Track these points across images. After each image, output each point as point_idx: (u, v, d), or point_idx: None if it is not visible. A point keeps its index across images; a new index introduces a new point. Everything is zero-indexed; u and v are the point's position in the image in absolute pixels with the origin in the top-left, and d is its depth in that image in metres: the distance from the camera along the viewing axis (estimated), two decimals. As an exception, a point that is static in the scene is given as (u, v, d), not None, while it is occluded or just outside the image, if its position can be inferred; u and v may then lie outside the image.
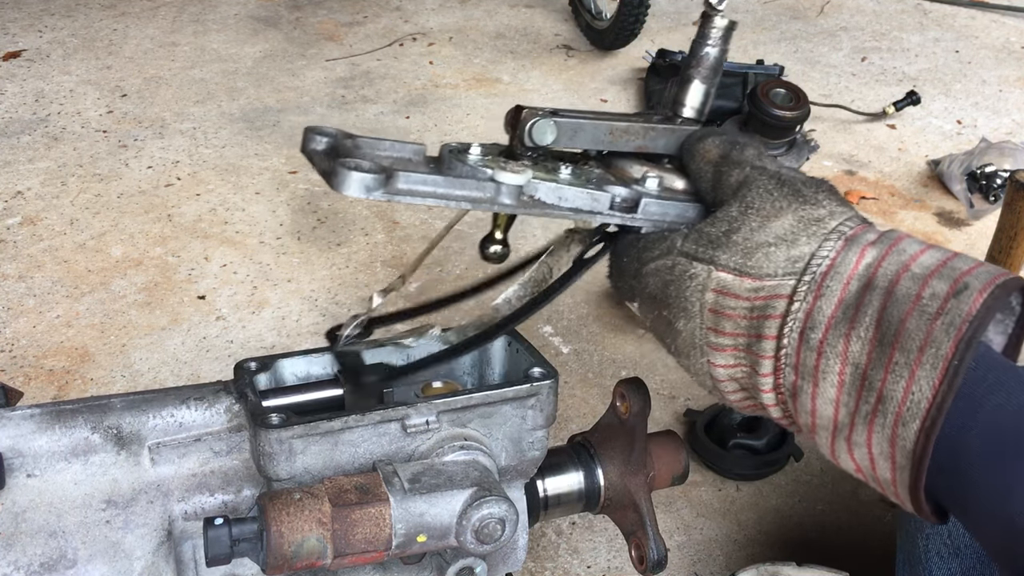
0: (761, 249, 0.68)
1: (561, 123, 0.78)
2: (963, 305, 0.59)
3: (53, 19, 3.13)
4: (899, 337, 0.61)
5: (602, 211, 0.78)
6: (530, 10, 3.32)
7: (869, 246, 0.65)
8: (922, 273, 0.62)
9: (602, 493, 0.98)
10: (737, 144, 0.75)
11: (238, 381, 0.84)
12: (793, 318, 0.66)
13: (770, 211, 0.69)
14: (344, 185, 0.70)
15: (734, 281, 0.68)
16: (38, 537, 0.76)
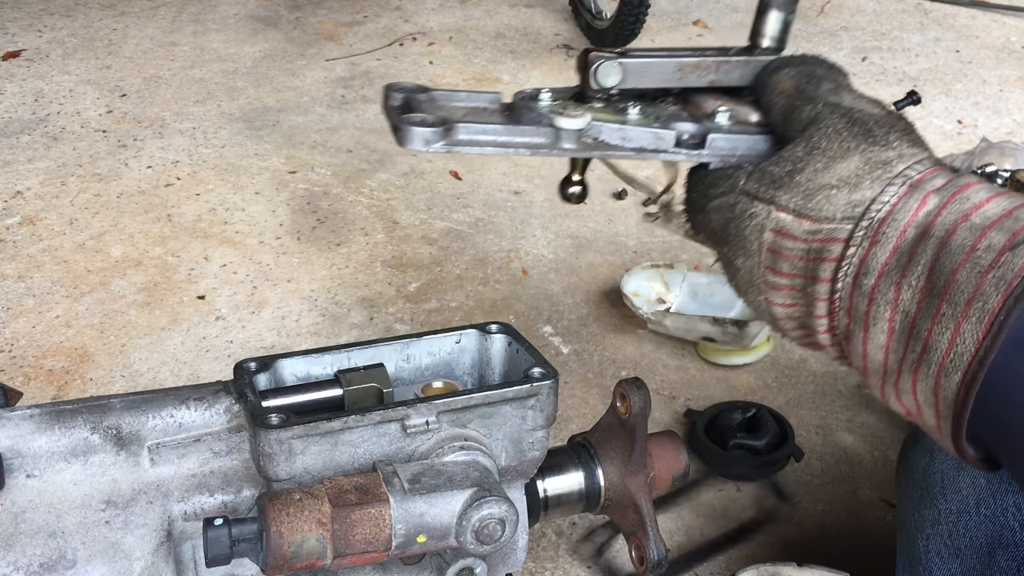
0: (823, 191, 0.67)
1: (627, 64, 0.78)
2: (1018, 259, 0.58)
3: (52, 19, 3.13)
4: (948, 288, 0.60)
5: (667, 149, 0.78)
6: (530, 10, 3.32)
7: (932, 193, 0.64)
8: (981, 223, 0.61)
9: (602, 493, 0.98)
10: (814, 77, 0.72)
11: (238, 381, 0.84)
12: (848, 263, 0.65)
13: (836, 152, 0.67)
14: (406, 140, 0.72)
15: (792, 222, 0.68)
16: (37, 537, 0.76)
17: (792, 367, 1.69)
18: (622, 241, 2.05)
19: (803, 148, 0.69)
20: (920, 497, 1.00)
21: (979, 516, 0.93)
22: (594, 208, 2.16)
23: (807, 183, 0.67)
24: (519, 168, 2.32)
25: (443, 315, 1.80)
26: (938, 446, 0.95)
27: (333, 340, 1.73)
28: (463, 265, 1.95)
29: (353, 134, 2.47)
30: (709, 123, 0.78)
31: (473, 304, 1.84)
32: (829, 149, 0.68)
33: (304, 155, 2.36)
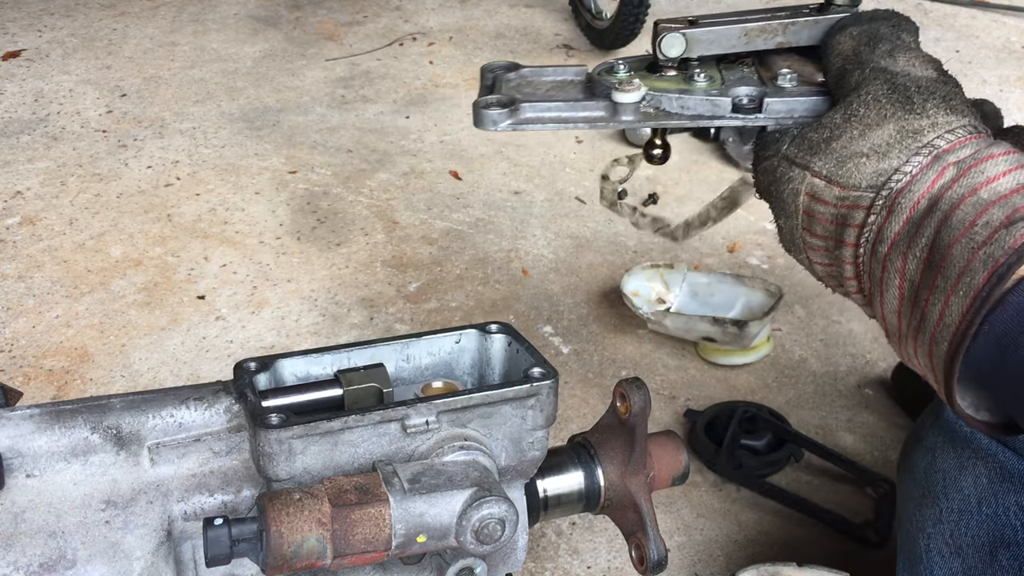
0: (853, 159, 0.69)
1: (690, 34, 0.81)
2: (1010, 237, 0.59)
3: (52, 19, 3.13)
4: (944, 262, 0.62)
5: (724, 115, 0.80)
6: (530, 10, 3.32)
7: (952, 164, 0.65)
8: (988, 199, 0.62)
9: (602, 493, 0.98)
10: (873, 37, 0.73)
11: (238, 381, 0.84)
12: (868, 230, 0.68)
13: (873, 119, 0.69)
14: (476, 122, 0.78)
15: (824, 188, 0.70)
16: (37, 537, 0.76)
17: (792, 367, 1.69)
18: (622, 241, 2.05)
19: (842, 115, 0.71)
20: (921, 496, 1.00)
21: (981, 515, 0.93)
22: (594, 208, 2.16)
23: (841, 150, 0.69)
24: (519, 168, 2.32)
25: (443, 315, 1.80)
26: (940, 445, 0.96)
27: (333, 340, 1.73)
28: (463, 265, 1.95)
29: (353, 134, 2.47)
30: (771, 86, 0.80)
31: (473, 304, 1.84)
32: (867, 116, 0.69)
33: (304, 155, 2.36)
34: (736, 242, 2.04)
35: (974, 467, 0.93)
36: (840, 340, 1.77)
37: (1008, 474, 0.92)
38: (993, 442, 0.92)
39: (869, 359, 1.73)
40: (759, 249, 2.04)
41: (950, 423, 0.98)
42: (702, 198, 2.20)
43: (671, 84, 0.81)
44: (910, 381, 1.59)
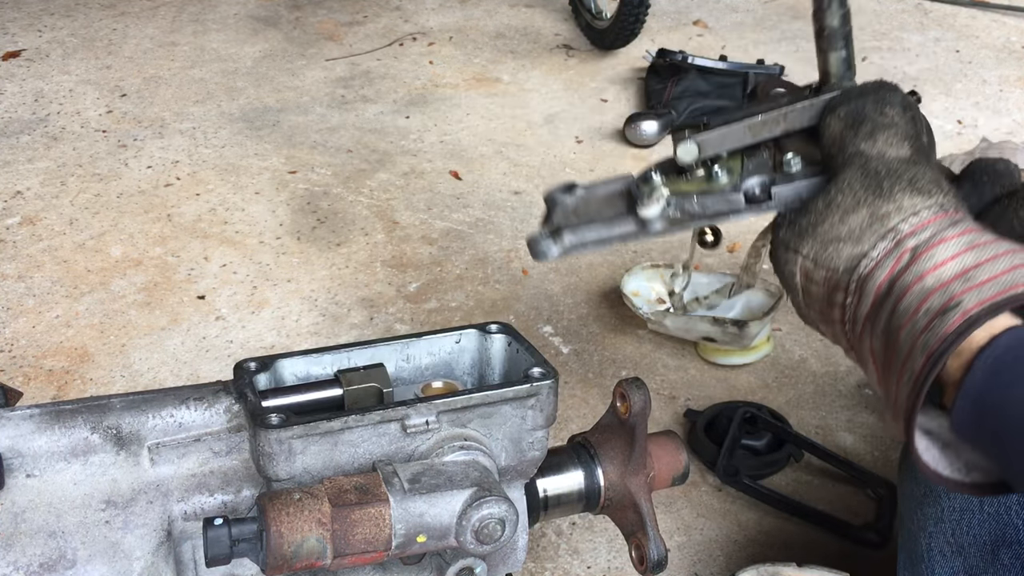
0: (834, 243, 0.75)
1: (702, 140, 0.87)
2: (943, 325, 0.65)
3: (52, 19, 3.13)
4: (894, 347, 0.69)
5: (739, 209, 0.87)
6: (530, 10, 3.32)
7: (909, 250, 0.70)
8: (932, 285, 0.67)
9: (602, 493, 0.98)
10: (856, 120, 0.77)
11: (238, 381, 0.84)
12: (848, 310, 0.74)
13: (849, 205, 0.74)
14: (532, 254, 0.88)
15: (814, 269, 0.77)
16: (37, 537, 0.76)
17: (792, 367, 1.69)
18: (622, 241, 2.05)
19: (823, 201, 0.77)
20: (923, 495, 1.00)
21: (982, 514, 0.93)
22: (594, 208, 2.16)
23: (824, 235, 0.76)
24: (519, 168, 2.32)
25: (443, 315, 1.80)
26: None
27: (333, 340, 1.73)
28: (463, 265, 1.95)
29: (353, 134, 2.47)
30: (780, 173, 0.86)
31: (473, 304, 1.84)
32: (844, 203, 0.75)
33: (304, 155, 2.36)
34: (736, 242, 2.04)
35: None
36: (840, 340, 1.77)
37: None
38: None
39: (869, 359, 1.72)
40: (759, 249, 2.04)
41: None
42: (702, 198, 2.20)
43: (693, 186, 0.88)
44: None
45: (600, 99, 2.69)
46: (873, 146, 0.76)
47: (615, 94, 2.73)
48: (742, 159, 0.89)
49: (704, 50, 2.91)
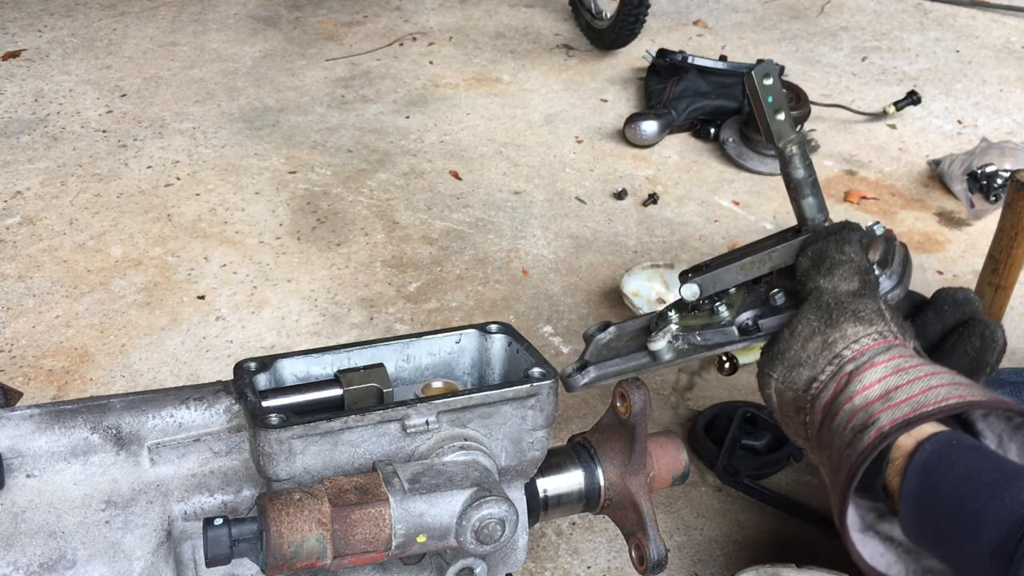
0: (796, 368, 0.88)
1: (702, 281, 1.01)
2: (861, 441, 0.77)
3: (53, 19, 3.13)
4: (831, 460, 0.81)
5: (735, 340, 1.02)
6: (530, 10, 3.32)
7: (847, 374, 0.84)
8: (859, 404, 0.80)
9: (602, 493, 0.98)
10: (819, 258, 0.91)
11: (238, 381, 0.84)
12: (807, 425, 0.86)
13: (807, 335, 0.88)
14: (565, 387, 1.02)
15: (784, 390, 0.90)
16: (37, 537, 0.76)
17: (792, 367, 1.69)
18: (622, 241, 2.05)
19: (788, 331, 0.91)
20: None
21: None
22: (594, 208, 2.16)
23: (789, 360, 0.90)
24: (519, 168, 2.32)
25: (443, 315, 1.80)
26: None
27: (333, 340, 1.73)
28: (463, 265, 1.95)
29: (353, 134, 2.47)
30: (768, 306, 1.00)
31: (473, 304, 1.84)
32: (803, 333, 0.89)
33: (304, 155, 2.36)
34: (736, 242, 2.04)
35: None
36: (840, 340, 1.77)
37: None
38: None
39: (869, 359, 1.72)
40: (759, 249, 2.04)
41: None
42: (702, 198, 2.20)
43: (699, 320, 1.02)
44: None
45: (600, 99, 2.69)
46: (829, 281, 0.90)
47: (615, 94, 2.73)
48: (743, 293, 1.03)
49: (704, 50, 2.91)
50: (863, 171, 2.36)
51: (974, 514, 0.69)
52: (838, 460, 0.79)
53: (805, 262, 0.92)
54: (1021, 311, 1.86)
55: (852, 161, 2.40)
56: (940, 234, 2.13)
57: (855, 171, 2.36)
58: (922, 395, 0.77)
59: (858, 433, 0.77)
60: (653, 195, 2.18)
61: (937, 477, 0.72)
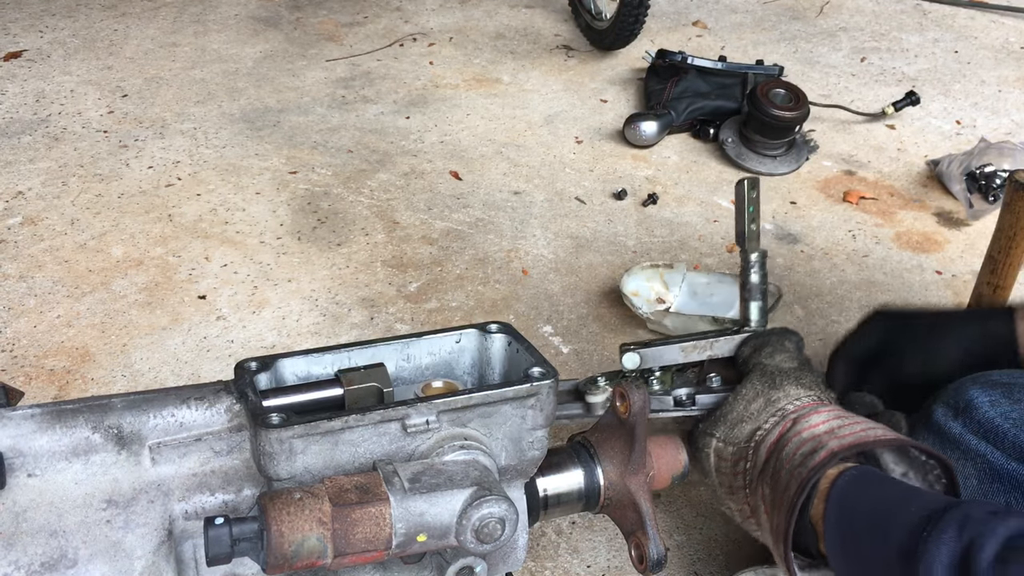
0: (739, 424, 0.99)
1: (643, 352, 1.12)
2: (809, 462, 0.87)
3: (54, 19, 3.13)
4: (778, 484, 0.90)
5: (668, 408, 1.12)
6: (530, 10, 3.32)
7: (791, 419, 0.95)
8: (807, 437, 0.91)
9: (602, 493, 0.99)
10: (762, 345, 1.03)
11: (238, 381, 0.85)
12: (749, 474, 0.96)
13: (751, 397, 0.99)
14: None
15: (723, 447, 1.00)
16: (39, 536, 0.76)
17: (792, 367, 1.69)
18: (622, 241, 2.05)
19: (732, 396, 1.02)
20: None
21: None
22: (594, 208, 2.17)
23: (731, 420, 1.00)
24: (519, 168, 2.32)
25: (443, 315, 1.81)
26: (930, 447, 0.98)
27: (333, 340, 1.73)
28: (463, 265, 1.95)
29: (353, 134, 2.47)
30: (703, 387, 1.12)
31: (473, 304, 1.84)
32: (747, 395, 1.00)
33: (305, 155, 2.36)
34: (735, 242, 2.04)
35: (964, 467, 0.96)
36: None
37: (997, 475, 0.93)
38: (982, 442, 0.95)
39: (868, 359, 1.73)
40: (759, 249, 2.04)
41: (939, 424, 0.99)
42: (701, 198, 2.20)
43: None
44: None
45: (600, 99, 2.70)
46: (772, 359, 1.02)
47: (615, 94, 2.73)
48: (672, 375, 1.15)
49: (703, 50, 2.92)
50: (862, 171, 2.36)
51: (885, 524, 0.78)
52: (785, 482, 0.88)
53: (747, 349, 1.05)
54: (1020, 311, 1.86)
55: (851, 161, 2.40)
56: (939, 234, 2.13)
57: (854, 171, 2.36)
58: (862, 432, 0.89)
59: (808, 456, 0.88)
60: (653, 195, 2.19)
61: (854, 499, 0.83)
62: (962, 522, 0.72)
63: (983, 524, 0.71)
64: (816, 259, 2.01)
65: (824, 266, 1.99)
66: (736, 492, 0.99)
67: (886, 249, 2.07)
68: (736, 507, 1.01)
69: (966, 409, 0.99)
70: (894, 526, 0.76)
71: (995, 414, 0.97)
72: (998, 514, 0.72)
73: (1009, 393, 0.98)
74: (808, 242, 2.06)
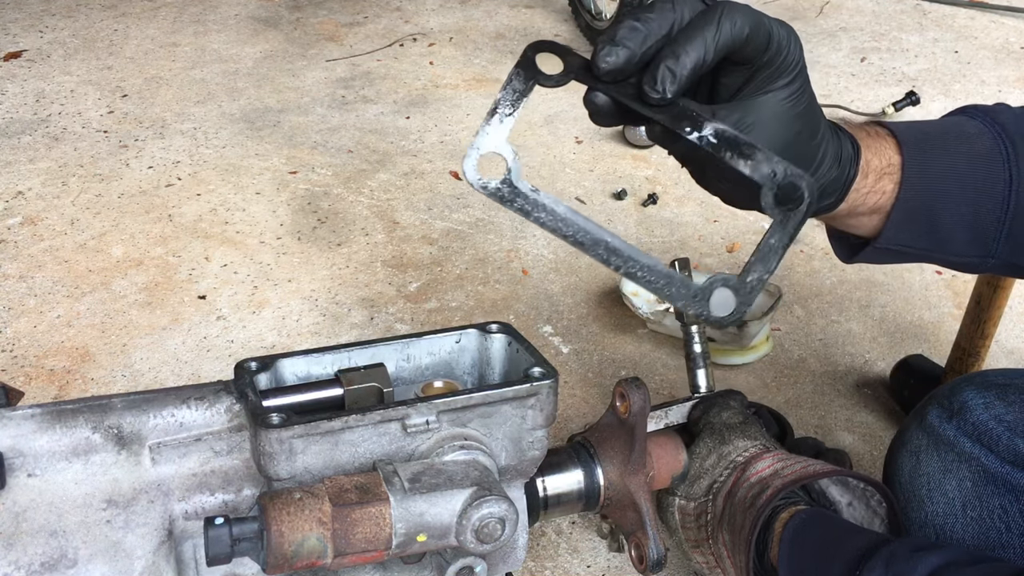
0: (696, 481, 1.05)
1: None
2: (758, 502, 0.95)
3: (54, 19, 3.13)
4: (735, 526, 0.97)
5: None
6: (530, 10, 3.32)
7: (741, 467, 1.01)
8: (755, 481, 0.98)
9: (602, 492, 0.99)
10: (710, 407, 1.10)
11: (239, 381, 0.85)
12: (710, 523, 1.02)
13: (704, 454, 1.05)
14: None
15: (686, 504, 1.05)
16: (39, 537, 0.76)
17: (791, 367, 1.70)
18: (622, 241, 2.05)
19: (688, 456, 1.06)
20: (907, 500, 1.01)
21: (965, 519, 0.94)
22: (594, 208, 2.17)
23: (690, 478, 1.05)
24: (519, 168, 2.32)
25: (443, 315, 1.81)
26: (923, 448, 0.98)
27: (333, 340, 1.73)
28: (463, 265, 1.95)
29: (353, 134, 2.47)
30: None
31: (473, 304, 1.84)
32: (700, 453, 1.05)
33: (305, 155, 2.36)
34: (735, 242, 2.04)
35: (958, 470, 0.96)
36: (839, 340, 1.78)
37: (991, 477, 0.93)
38: (976, 445, 0.94)
39: (868, 359, 1.73)
40: (759, 249, 2.04)
41: (933, 426, 0.99)
42: (701, 198, 2.20)
43: None
44: (908, 381, 1.60)
45: (600, 99, 2.69)
46: (718, 417, 1.08)
47: (615, 94, 2.73)
48: None
49: (704, 50, 2.91)
50: (863, 171, 2.36)
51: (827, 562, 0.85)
52: (740, 523, 0.95)
53: (696, 412, 1.10)
54: (1020, 311, 1.87)
55: (852, 161, 2.40)
56: (939, 234, 2.13)
57: (855, 171, 2.36)
58: (802, 469, 0.97)
59: (756, 496, 0.95)
60: (652, 195, 2.19)
61: (802, 540, 0.90)
62: (888, 559, 0.78)
63: (905, 561, 0.77)
64: (816, 259, 2.01)
65: (824, 266, 1.99)
66: (701, 544, 1.05)
67: (886, 249, 2.07)
68: (703, 559, 1.06)
69: (960, 411, 0.99)
70: (835, 563, 0.84)
71: (989, 417, 0.97)
72: (921, 550, 0.78)
73: (1004, 395, 0.98)
74: (808, 242, 2.06)
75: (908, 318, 1.85)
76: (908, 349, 1.75)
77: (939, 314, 1.86)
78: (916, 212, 0.90)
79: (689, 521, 1.05)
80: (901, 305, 1.89)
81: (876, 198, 0.89)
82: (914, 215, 0.90)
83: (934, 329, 1.82)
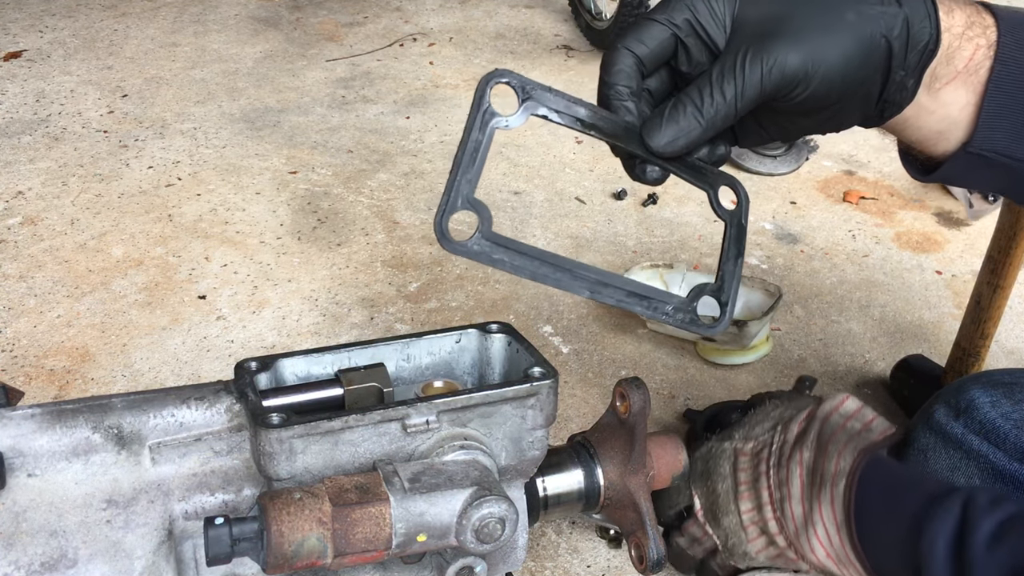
0: (758, 425, 1.04)
1: None
2: (872, 435, 0.92)
3: (54, 19, 3.13)
4: (831, 441, 0.93)
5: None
6: (530, 10, 3.32)
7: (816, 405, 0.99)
8: (847, 412, 0.95)
9: (602, 492, 0.99)
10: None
11: (239, 381, 0.85)
12: (774, 452, 0.99)
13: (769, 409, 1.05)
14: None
15: (743, 446, 1.03)
16: (39, 537, 0.76)
17: (792, 367, 1.70)
18: (622, 241, 2.05)
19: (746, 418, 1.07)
20: None
21: None
22: (594, 208, 2.17)
23: (750, 425, 1.05)
24: (519, 168, 2.32)
25: (443, 315, 1.81)
26: (931, 447, 0.98)
27: (333, 340, 1.73)
28: (463, 265, 1.95)
29: (353, 134, 2.47)
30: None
31: (473, 304, 1.84)
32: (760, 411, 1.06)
33: (305, 155, 2.36)
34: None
35: (966, 468, 0.96)
36: (839, 340, 1.78)
37: (1000, 475, 0.93)
38: (984, 443, 0.94)
39: (868, 359, 1.73)
40: (758, 249, 2.04)
41: (941, 424, 0.99)
42: (701, 198, 2.20)
43: None
44: (908, 381, 1.60)
45: (600, 99, 2.70)
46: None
47: (615, 94, 2.73)
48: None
49: (704, 50, 2.91)
50: (862, 171, 2.36)
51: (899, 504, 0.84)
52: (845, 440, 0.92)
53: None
54: (1020, 311, 1.87)
55: (851, 161, 2.40)
56: (939, 234, 2.13)
57: (854, 171, 2.36)
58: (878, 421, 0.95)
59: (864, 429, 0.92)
60: (652, 195, 2.19)
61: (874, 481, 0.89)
62: (965, 503, 0.77)
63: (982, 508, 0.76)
64: (816, 259, 2.01)
65: (824, 266, 1.99)
66: (758, 479, 1.00)
67: (886, 249, 2.07)
68: (751, 503, 1.01)
69: (967, 410, 0.99)
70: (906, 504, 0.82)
71: (996, 415, 0.97)
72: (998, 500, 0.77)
73: (1010, 393, 0.98)
74: (808, 242, 2.06)
75: (908, 318, 1.85)
76: (908, 349, 1.75)
77: (939, 314, 1.86)
78: (1017, 94, 0.79)
79: (744, 461, 1.03)
80: (901, 305, 1.89)
81: (970, 51, 0.79)
82: (1015, 98, 0.79)
83: (934, 329, 1.82)
